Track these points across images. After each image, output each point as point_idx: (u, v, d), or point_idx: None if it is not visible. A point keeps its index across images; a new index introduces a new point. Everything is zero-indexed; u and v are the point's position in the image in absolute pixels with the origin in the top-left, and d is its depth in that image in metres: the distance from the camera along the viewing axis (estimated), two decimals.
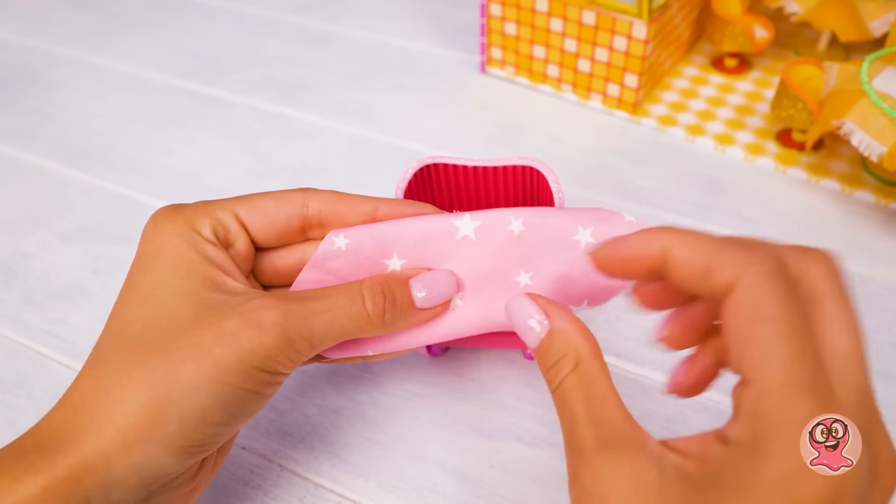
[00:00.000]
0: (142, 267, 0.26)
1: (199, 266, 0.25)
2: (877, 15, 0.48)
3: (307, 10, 0.66)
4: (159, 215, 0.27)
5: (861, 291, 0.39)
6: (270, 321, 0.24)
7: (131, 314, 0.25)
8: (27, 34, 0.65)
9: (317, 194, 0.28)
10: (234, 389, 0.24)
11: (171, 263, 0.25)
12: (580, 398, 0.21)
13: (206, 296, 0.25)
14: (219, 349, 0.23)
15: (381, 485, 0.31)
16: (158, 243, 0.26)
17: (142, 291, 0.25)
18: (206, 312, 0.24)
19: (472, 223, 0.27)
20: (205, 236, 0.26)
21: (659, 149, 0.49)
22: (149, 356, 0.23)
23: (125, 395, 0.23)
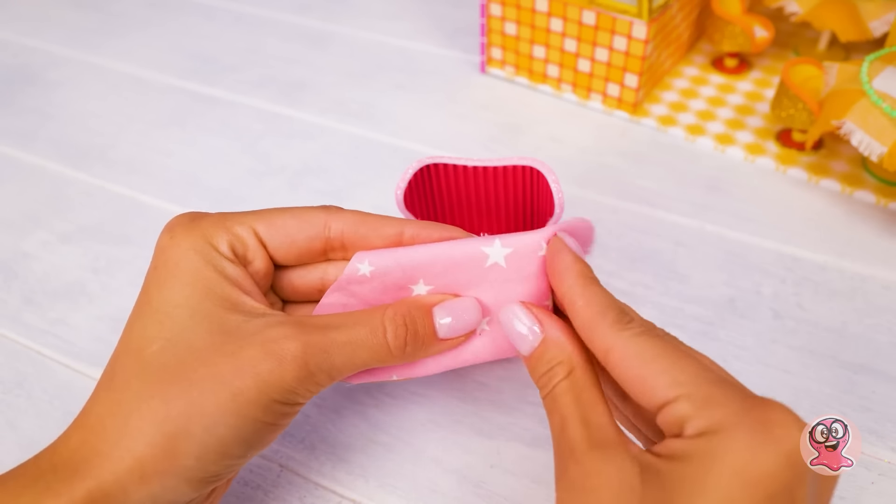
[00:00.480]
0: (158, 282, 0.25)
1: (217, 285, 0.25)
2: (877, 15, 0.48)
3: (307, 10, 0.66)
4: (175, 226, 0.26)
5: (861, 291, 0.39)
6: (291, 354, 0.23)
7: (149, 332, 0.24)
8: (27, 34, 0.65)
9: (340, 214, 0.27)
10: (254, 423, 0.23)
11: (188, 281, 0.25)
12: (571, 402, 0.22)
13: (225, 318, 0.24)
14: (239, 381, 0.23)
15: (381, 485, 0.31)
16: (175, 258, 0.25)
17: (159, 309, 0.24)
18: (226, 338, 0.24)
19: (502, 250, 0.26)
20: (222, 252, 0.26)
21: (659, 149, 0.49)
22: (168, 384, 0.23)
23: (144, 425, 0.23)
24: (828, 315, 0.37)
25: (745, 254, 0.41)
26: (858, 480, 0.31)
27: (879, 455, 0.32)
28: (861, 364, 0.35)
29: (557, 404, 0.23)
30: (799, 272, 0.40)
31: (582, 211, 0.44)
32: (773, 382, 0.34)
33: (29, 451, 0.33)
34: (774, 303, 0.38)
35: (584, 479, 0.21)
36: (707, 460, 0.19)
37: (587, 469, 0.21)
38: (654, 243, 0.42)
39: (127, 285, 0.41)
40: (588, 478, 0.21)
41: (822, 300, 0.38)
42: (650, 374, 0.21)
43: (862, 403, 0.33)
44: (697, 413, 0.20)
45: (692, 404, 0.20)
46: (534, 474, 0.31)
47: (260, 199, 0.46)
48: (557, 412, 0.23)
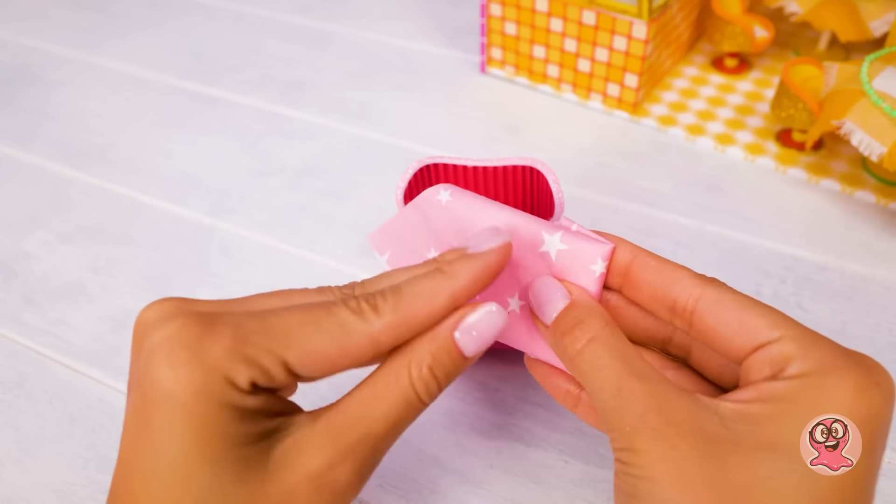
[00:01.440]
0: (165, 428, 0.20)
1: (236, 427, 0.20)
2: (877, 15, 0.48)
3: (307, 10, 0.66)
4: (175, 349, 0.20)
5: (861, 291, 0.39)
6: (346, 479, 0.21)
7: (171, 496, 0.20)
8: (27, 34, 0.65)
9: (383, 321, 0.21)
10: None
11: (204, 430, 0.19)
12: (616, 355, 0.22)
13: (251, 458, 0.20)
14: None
15: (381, 485, 0.31)
16: (180, 398, 0.19)
17: (175, 466, 0.19)
18: (262, 488, 0.20)
19: (560, 245, 0.25)
20: (241, 388, 0.20)
21: (659, 149, 0.49)
22: None
23: None
24: (828, 315, 0.37)
25: (745, 254, 0.41)
26: None
27: None
28: None
29: (603, 364, 0.22)
30: (799, 272, 0.40)
31: (582, 211, 0.44)
32: None
33: (28, 451, 0.33)
34: (774, 303, 0.38)
35: (668, 426, 0.20)
36: (815, 398, 0.19)
37: (670, 416, 0.20)
38: (654, 243, 0.42)
39: (127, 285, 0.41)
40: (671, 424, 0.20)
41: (822, 300, 0.38)
42: (750, 316, 0.21)
43: None
44: (804, 353, 0.20)
45: (798, 345, 0.20)
46: (534, 474, 0.31)
47: (260, 200, 0.46)
48: (604, 369, 0.21)
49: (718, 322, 0.22)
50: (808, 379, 0.20)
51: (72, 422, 0.34)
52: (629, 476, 0.20)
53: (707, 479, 0.19)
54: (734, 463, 0.19)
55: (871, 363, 0.20)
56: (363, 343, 0.21)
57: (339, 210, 0.45)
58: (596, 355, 0.22)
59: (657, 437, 0.20)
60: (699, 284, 0.22)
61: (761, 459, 0.19)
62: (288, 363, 0.21)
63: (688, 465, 0.19)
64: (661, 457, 0.20)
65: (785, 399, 0.20)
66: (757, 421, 0.20)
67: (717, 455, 0.19)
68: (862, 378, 0.20)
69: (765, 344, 0.21)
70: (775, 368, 0.21)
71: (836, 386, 0.19)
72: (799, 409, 0.19)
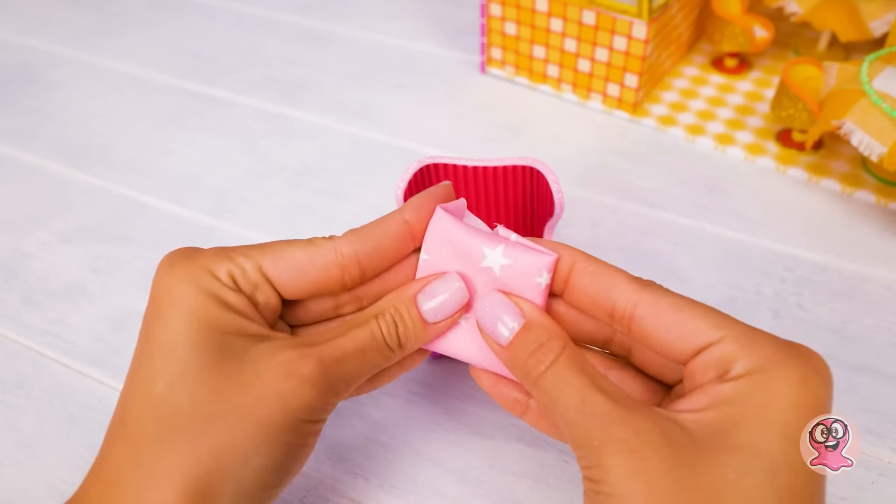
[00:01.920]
0: (157, 315, 0.24)
1: (217, 312, 0.23)
2: (877, 15, 0.48)
3: (307, 10, 0.66)
4: (174, 258, 0.25)
5: (861, 291, 0.39)
6: (309, 371, 0.23)
7: (154, 370, 0.23)
8: (27, 34, 0.65)
9: (346, 238, 0.25)
10: (286, 447, 0.23)
11: (188, 311, 0.23)
12: (578, 373, 0.22)
13: (230, 344, 0.23)
14: (263, 409, 0.22)
15: (381, 485, 0.31)
16: (173, 289, 0.24)
17: (162, 343, 0.23)
18: (237, 366, 0.23)
19: (501, 259, 0.25)
20: (222, 281, 0.24)
21: (659, 149, 0.49)
22: (187, 424, 0.22)
23: (170, 472, 0.21)
24: (828, 315, 0.37)
25: (745, 254, 0.41)
26: (858, 480, 0.31)
27: (879, 455, 0.32)
28: (861, 364, 0.35)
29: (566, 381, 0.22)
30: (799, 272, 0.40)
31: (582, 211, 0.44)
32: None
33: (28, 451, 0.33)
34: (774, 303, 0.38)
35: (636, 437, 0.20)
36: (763, 396, 0.20)
37: (636, 427, 0.20)
38: (654, 243, 0.42)
39: (127, 285, 0.41)
40: (638, 434, 0.20)
41: (822, 300, 0.38)
42: (688, 319, 0.22)
43: (862, 403, 0.33)
44: (746, 352, 0.21)
45: (739, 344, 0.21)
46: (534, 474, 0.31)
47: (260, 200, 0.46)
48: (568, 386, 0.22)
49: (658, 327, 0.22)
50: (753, 377, 0.20)
51: (72, 422, 0.34)
52: (600, 495, 0.20)
53: (678, 488, 0.19)
54: (702, 469, 0.19)
55: (809, 353, 0.21)
56: (329, 255, 0.25)
57: (339, 210, 0.45)
58: (559, 374, 0.22)
59: (625, 450, 0.20)
60: (637, 289, 0.23)
61: (726, 463, 0.19)
62: (262, 266, 0.25)
63: (658, 477, 0.19)
64: (630, 470, 0.20)
65: (736, 401, 0.20)
66: (714, 427, 0.20)
67: (685, 463, 0.20)
68: (802, 369, 0.20)
69: (706, 346, 0.21)
70: (720, 370, 0.21)
71: (781, 380, 0.20)
72: (750, 409, 0.20)
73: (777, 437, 0.20)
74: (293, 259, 0.25)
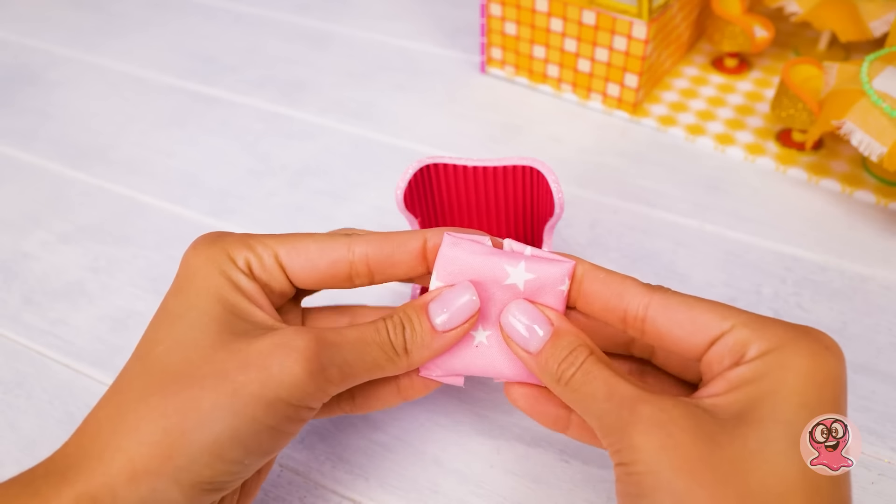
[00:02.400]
0: (175, 289, 0.25)
1: (229, 293, 0.25)
2: (877, 15, 0.48)
3: (307, 10, 0.66)
4: (200, 241, 0.26)
5: (861, 291, 0.39)
6: (302, 345, 0.23)
7: (159, 335, 0.24)
8: (27, 34, 0.65)
9: (363, 237, 0.26)
10: (252, 423, 0.22)
11: (202, 286, 0.25)
12: (607, 369, 0.23)
13: (235, 322, 0.24)
14: (242, 376, 0.22)
15: (381, 485, 0.31)
16: (194, 266, 0.25)
17: (171, 313, 0.25)
18: (233, 338, 0.24)
19: (525, 274, 0.25)
20: (238, 266, 0.26)
21: (659, 149, 0.49)
22: (169, 381, 0.23)
23: (140, 423, 0.22)
24: (828, 315, 0.37)
25: (745, 254, 0.41)
26: (858, 480, 0.31)
27: (879, 455, 0.32)
28: (861, 364, 0.35)
29: (593, 376, 0.23)
30: (799, 272, 0.40)
31: (582, 211, 0.44)
32: None
33: (29, 451, 0.33)
34: (774, 303, 0.38)
35: (662, 413, 0.21)
36: (779, 373, 0.21)
37: (661, 405, 0.21)
38: (654, 243, 0.42)
39: (127, 285, 0.41)
40: (664, 411, 0.21)
41: (822, 300, 0.38)
42: (698, 314, 0.23)
43: (862, 403, 0.33)
44: (758, 335, 0.22)
45: (750, 329, 0.22)
46: (534, 474, 0.31)
47: (260, 200, 0.46)
48: (595, 380, 0.23)
49: (671, 325, 0.23)
50: (767, 357, 0.21)
51: (72, 422, 0.34)
52: (632, 475, 0.21)
53: (705, 460, 0.20)
54: (726, 442, 0.20)
55: (817, 332, 0.22)
56: (340, 251, 0.26)
57: (339, 210, 0.45)
58: (587, 371, 0.23)
59: (653, 426, 0.21)
60: (647, 292, 0.24)
61: (749, 435, 0.20)
62: (278, 255, 0.26)
63: (686, 451, 0.20)
64: (659, 446, 0.20)
65: (753, 381, 0.21)
66: (735, 406, 0.21)
67: (710, 438, 0.20)
68: (814, 346, 0.21)
69: (719, 336, 0.22)
70: (735, 356, 0.22)
71: (794, 356, 0.21)
72: (768, 385, 0.21)
73: (795, 408, 0.20)
74: (306, 250, 0.26)
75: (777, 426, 0.20)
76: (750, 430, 0.20)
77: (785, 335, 0.22)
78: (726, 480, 0.20)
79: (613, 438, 0.22)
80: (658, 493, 0.20)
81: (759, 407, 0.21)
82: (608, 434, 0.22)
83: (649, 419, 0.21)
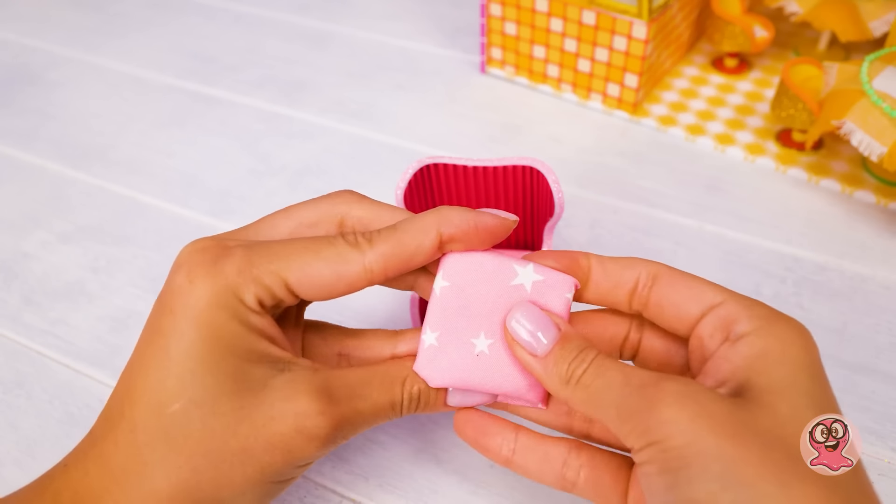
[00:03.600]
0: (176, 331, 0.23)
1: (240, 339, 0.23)
2: (877, 15, 0.48)
3: (307, 10, 0.66)
4: (194, 267, 0.23)
5: (861, 291, 0.39)
6: (322, 433, 0.23)
7: (169, 388, 0.23)
8: (27, 34, 0.65)
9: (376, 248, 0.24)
10: (275, 486, 0.24)
11: (210, 336, 0.23)
12: (619, 362, 0.24)
13: (250, 374, 0.23)
14: (268, 457, 0.23)
15: (381, 485, 0.31)
16: (195, 307, 0.23)
17: (179, 364, 0.23)
18: (253, 400, 0.23)
19: (533, 276, 0.25)
20: (248, 305, 0.23)
21: (659, 149, 0.49)
22: (195, 453, 0.22)
23: (171, 490, 0.22)
24: (828, 315, 0.37)
25: (745, 254, 0.41)
26: None
27: (879, 455, 0.32)
28: (861, 364, 0.35)
29: (606, 367, 0.23)
30: (799, 272, 0.40)
31: (582, 211, 0.44)
32: None
33: (29, 451, 0.33)
34: (774, 303, 0.38)
35: (687, 386, 0.21)
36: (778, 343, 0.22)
37: (684, 380, 0.21)
38: (654, 243, 0.42)
39: (127, 285, 0.41)
40: (689, 385, 0.21)
41: (822, 300, 0.38)
42: (698, 284, 0.24)
43: (862, 403, 0.33)
44: (746, 312, 0.23)
45: (740, 305, 0.23)
46: None
47: (260, 200, 0.46)
48: (612, 370, 0.23)
49: (674, 292, 0.25)
50: (760, 330, 0.22)
51: (72, 422, 0.34)
52: (668, 451, 0.20)
53: (745, 425, 0.20)
54: (756, 410, 0.20)
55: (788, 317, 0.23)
56: (357, 270, 0.24)
57: None
58: (599, 366, 0.23)
59: (682, 398, 0.20)
60: (655, 263, 0.25)
61: (776, 403, 0.20)
62: (289, 283, 0.24)
63: (722, 419, 0.20)
64: (693, 414, 0.20)
65: (751, 354, 0.22)
66: (746, 384, 0.22)
67: (738, 406, 0.20)
68: (796, 324, 0.23)
69: (712, 307, 0.24)
70: (725, 331, 0.23)
71: (785, 330, 0.22)
72: (769, 353, 0.22)
73: (810, 379, 0.21)
74: (319, 276, 0.24)
75: (801, 396, 0.21)
76: (776, 400, 0.20)
77: (770, 314, 0.23)
78: (771, 444, 0.19)
79: (637, 420, 0.21)
80: (703, 460, 0.19)
81: (775, 379, 0.21)
82: (629, 418, 0.21)
83: (676, 392, 0.21)
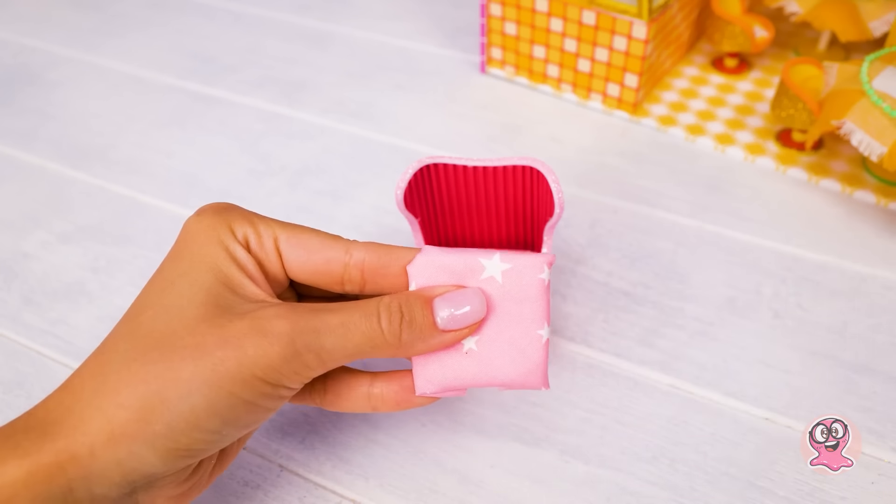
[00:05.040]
0: (172, 254, 0.26)
1: (223, 263, 0.25)
2: (877, 15, 0.48)
3: (307, 10, 0.66)
4: (205, 209, 0.27)
5: (861, 291, 0.39)
6: (278, 330, 0.23)
7: (149, 299, 0.25)
8: (27, 34, 0.65)
9: (363, 244, 0.27)
10: (230, 397, 0.23)
11: (197, 254, 0.25)
12: None
13: (223, 294, 0.25)
14: (220, 352, 0.23)
15: (381, 485, 0.31)
16: (192, 233, 0.26)
17: (164, 278, 0.25)
18: (218, 311, 0.24)
19: (501, 265, 0.25)
20: (237, 238, 0.26)
21: (659, 149, 0.49)
22: (152, 348, 0.23)
23: (121, 387, 0.23)
24: (828, 315, 0.37)
25: (745, 254, 0.41)
26: (858, 480, 0.31)
27: (879, 455, 0.32)
28: (861, 364, 0.35)
29: None
30: (799, 272, 0.40)
31: (582, 211, 0.44)
32: (773, 382, 0.34)
33: None
34: (774, 303, 0.38)
35: None
36: None
37: None
38: (654, 243, 0.42)
39: (127, 285, 0.41)
40: None
41: (822, 300, 0.38)
42: None
43: (862, 403, 0.33)
44: None
45: None
46: (534, 474, 0.31)
47: (260, 199, 0.46)
48: None
49: None
50: None
51: None
52: None
53: None
54: None
55: None
56: (338, 251, 0.26)
57: (339, 210, 0.45)
58: None
59: None
60: None
61: None
62: (278, 238, 0.26)
63: None
64: None
65: None
66: None
67: None
68: None
69: None
70: None
71: None
72: None
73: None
74: (306, 242, 0.26)
75: None
76: None
77: None
78: None
79: None
80: None
81: None
82: None
83: None
